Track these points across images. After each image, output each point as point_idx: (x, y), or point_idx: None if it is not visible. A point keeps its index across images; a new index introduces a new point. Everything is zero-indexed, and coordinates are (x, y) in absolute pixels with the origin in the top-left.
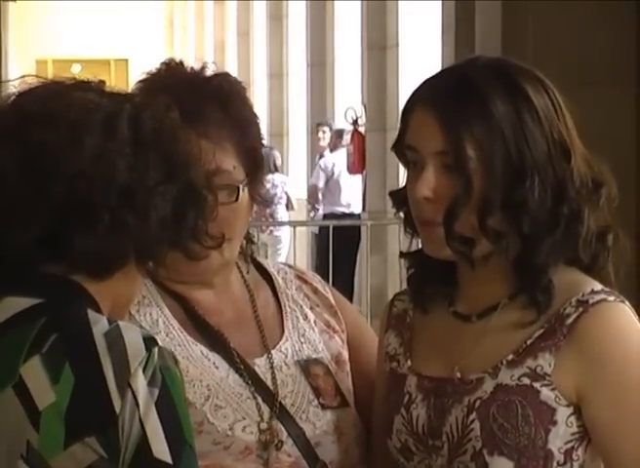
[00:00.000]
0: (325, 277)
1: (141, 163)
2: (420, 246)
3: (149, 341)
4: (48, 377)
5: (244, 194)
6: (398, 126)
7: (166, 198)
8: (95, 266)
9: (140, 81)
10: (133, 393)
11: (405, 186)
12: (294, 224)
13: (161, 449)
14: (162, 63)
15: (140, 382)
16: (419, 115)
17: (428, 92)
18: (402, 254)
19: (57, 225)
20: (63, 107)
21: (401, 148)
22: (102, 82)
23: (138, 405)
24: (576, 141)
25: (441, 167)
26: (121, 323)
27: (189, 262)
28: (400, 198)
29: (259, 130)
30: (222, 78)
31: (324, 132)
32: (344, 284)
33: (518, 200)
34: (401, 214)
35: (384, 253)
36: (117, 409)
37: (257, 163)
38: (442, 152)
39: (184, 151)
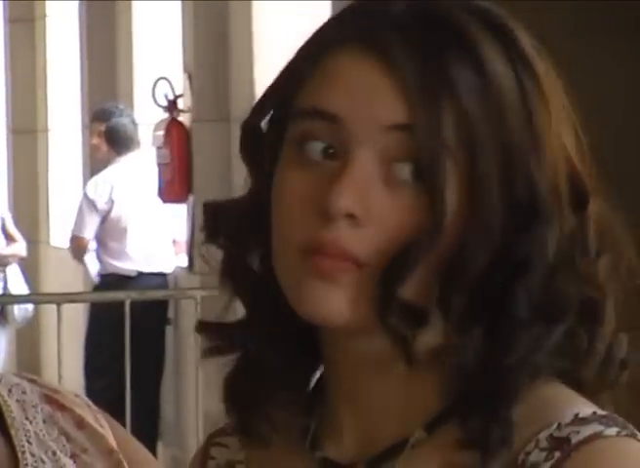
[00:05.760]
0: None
1: None
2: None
3: None
4: None
5: None
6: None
7: None
8: None
9: None
10: None
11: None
12: (58, 301)
13: None
14: None
15: None
16: (349, 63)
17: (372, 26)
18: (201, 326)
19: None
20: None
21: (281, 120)
22: None
23: None
24: (588, 177)
25: (386, 161)
26: None
27: None
28: (240, 219)
29: None
30: None
31: (100, 133)
32: (143, 405)
33: (520, 256)
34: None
35: None
36: None
37: None
38: (399, 127)
39: None
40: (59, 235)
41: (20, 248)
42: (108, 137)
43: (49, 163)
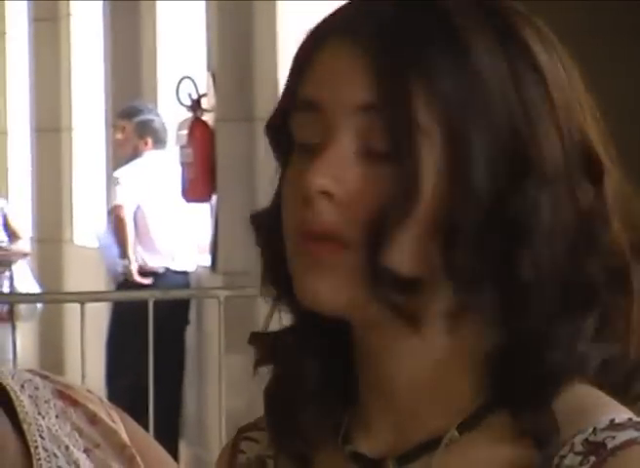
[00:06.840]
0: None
1: None
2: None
3: None
4: None
5: None
6: (283, 84)
7: None
8: None
9: None
10: None
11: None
12: (82, 300)
13: None
14: None
15: None
16: (330, 52)
17: (354, 18)
18: (254, 338)
19: None
20: None
21: (283, 119)
22: None
23: None
24: (605, 151)
25: (364, 140)
26: None
27: None
28: (270, 224)
29: None
30: None
31: (123, 129)
32: (165, 404)
33: (510, 216)
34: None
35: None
36: None
37: None
38: (369, 107)
39: None
40: (82, 234)
41: (23, 244)
42: (139, 132)
43: (72, 161)
